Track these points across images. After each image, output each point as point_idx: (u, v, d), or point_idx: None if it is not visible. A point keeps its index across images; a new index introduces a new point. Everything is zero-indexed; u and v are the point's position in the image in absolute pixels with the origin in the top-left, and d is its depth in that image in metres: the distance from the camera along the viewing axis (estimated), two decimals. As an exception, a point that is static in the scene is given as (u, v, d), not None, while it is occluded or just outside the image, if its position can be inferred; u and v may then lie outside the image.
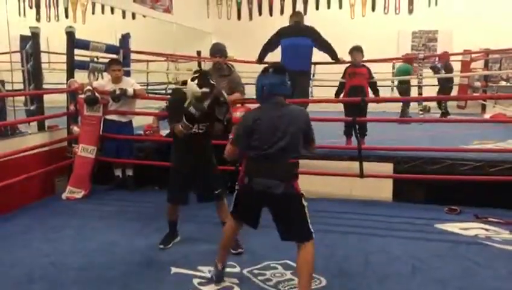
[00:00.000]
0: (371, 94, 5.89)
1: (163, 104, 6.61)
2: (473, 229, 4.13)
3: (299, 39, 5.59)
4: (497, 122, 7.66)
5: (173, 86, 9.29)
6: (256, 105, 2.95)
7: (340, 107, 6.00)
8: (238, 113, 4.29)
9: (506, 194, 4.61)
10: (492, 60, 10.42)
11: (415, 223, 4.33)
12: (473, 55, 9.91)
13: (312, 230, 2.77)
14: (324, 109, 6.91)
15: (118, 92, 5.29)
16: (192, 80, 3.29)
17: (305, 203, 2.78)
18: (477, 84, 10.29)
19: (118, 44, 7.15)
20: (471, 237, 3.96)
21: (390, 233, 4.09)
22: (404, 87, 8.83)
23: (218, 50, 5.14)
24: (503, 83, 10.74)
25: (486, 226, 4.20)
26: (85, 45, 6.13)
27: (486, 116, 9.01)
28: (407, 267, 3.35)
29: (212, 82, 3.32)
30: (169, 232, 3.84)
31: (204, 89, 3.25)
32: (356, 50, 5.80)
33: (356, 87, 5.63)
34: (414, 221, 4.39)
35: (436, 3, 11.21)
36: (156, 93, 9.73)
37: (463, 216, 4.50)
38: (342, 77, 6.00)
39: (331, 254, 3.61)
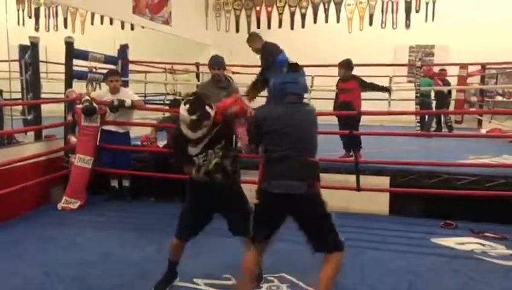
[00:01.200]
0: (365, 107, 5.90)
1: (161, 115, 6.65)
2: (469, 244, 4.13)
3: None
4: (493, 137, 7.69)
5: (171, 97, 9.33)
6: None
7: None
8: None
9: (501, 209, 4.62)
10: (489, 76, 10.50)
11: (411, 237, 4.33)
12: (469, 70, 9.99)
13: (341, 239, 2.64)
14: (322, 122, 6.93)
15: (116, 102, 5.30)
16: (185, 103, 2.84)
17: (329, 212, 2.68)
18: (474, 99, 10.36)
19: (116, 54, 7.18)
20: (467, 252, 3.96)
21: (386, 247, 4.09)
22: (427, 101, 8.89)
23: (216, 62, 5.18)
24: (499, 98, 10.82)
25: (482, 241, 4.20)
26: (84, 55, 6.16)
27: (483, 131, 9.06)
28: (403, 281, 3.34)
29: (207, 109, 2.79)
30: None
31: (193, 117, 2.76)
32: (339, 66, 5.82)
33: (344, 103, 5.67)
34: (410, 235, 4.39)
35: (433, 19, 11.32)
36: (154, 104, 9.76)
37: (459, 231, 4.50)
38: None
39: (327, 268, 3.60)
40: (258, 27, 12.33)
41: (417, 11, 11.48)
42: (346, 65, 5.78)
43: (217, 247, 4.01)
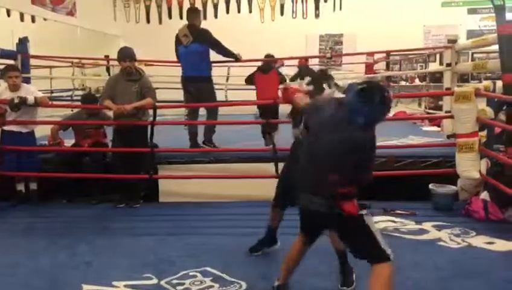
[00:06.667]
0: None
1: (68, 111, 6.27)
2: (381, 222, 4.31)
3: (192, 46, 5.48)
4: (400, 119, 8.11)
5: (80, 92, 8.85)
6: None
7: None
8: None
9: (410, 187, 4.90)
10: (393, 62, 11.12)
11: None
12: (376, 58, 10.50)
13: (386, 251, 2.63)
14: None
15: (16, 100, 4.91)
16: None
17: (367, 223, 2.75)
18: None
19: (15, 49, 6.66)
20: (380, 230, 4.13)
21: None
22: None
23: (127, 54, 4.98)
24: (403, 83, 11.52)
25: (394, 219, 4.43)
26: (-24, 50, 5.64)
27: (390, 114, 9.56)
28: (321, 262, 3.40)
29: None
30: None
31: None
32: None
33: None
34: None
35: (340, 8, 11.73)
36: (61, 101, 9.19)
37: (372, 210, 4.68)
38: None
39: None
40: (170, 17, 12.07)
41: (325, 1, 11.83)
42: None
43: (133, 247, 3.87)
